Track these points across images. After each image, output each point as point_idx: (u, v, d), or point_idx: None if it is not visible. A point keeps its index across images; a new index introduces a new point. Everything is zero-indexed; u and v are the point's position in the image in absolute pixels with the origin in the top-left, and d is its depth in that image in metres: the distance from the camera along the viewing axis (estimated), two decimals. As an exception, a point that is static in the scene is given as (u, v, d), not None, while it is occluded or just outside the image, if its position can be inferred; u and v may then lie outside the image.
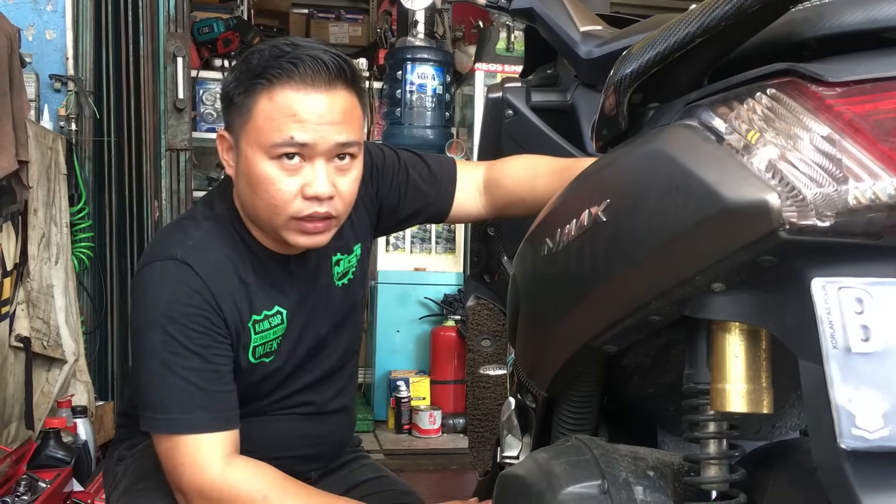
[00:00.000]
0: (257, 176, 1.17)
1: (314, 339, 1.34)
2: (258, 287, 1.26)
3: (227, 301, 1.21)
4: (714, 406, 0.76)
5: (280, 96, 1.15)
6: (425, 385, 4.06)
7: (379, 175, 1.40)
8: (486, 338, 1.77)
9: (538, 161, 1.39)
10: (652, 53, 0.79)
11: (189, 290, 1.18)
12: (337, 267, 1.37)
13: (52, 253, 2.94)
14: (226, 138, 1.23)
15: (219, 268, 1.22)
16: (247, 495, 1.16)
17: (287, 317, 1.28)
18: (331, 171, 1.18)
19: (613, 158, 0.86)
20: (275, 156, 1.16)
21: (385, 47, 4.72)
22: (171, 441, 1.18)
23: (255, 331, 1.25)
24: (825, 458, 0.61)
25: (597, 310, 0.85)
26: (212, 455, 1.17)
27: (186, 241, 1.23)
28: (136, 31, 3.38)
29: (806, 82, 0.68)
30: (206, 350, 1.18)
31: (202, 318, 1.18)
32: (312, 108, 1.15)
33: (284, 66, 1.15)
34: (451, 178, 1.44)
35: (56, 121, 3.25)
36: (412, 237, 4.29)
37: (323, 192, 1.17)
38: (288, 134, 1.14)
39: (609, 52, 1.37)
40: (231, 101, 1.20)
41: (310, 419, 1.37)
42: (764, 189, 0.65)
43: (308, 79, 1.15)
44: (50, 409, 2.82)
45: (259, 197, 1.18)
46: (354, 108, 1.21)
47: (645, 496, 0.78)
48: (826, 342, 0.60)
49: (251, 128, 1.17)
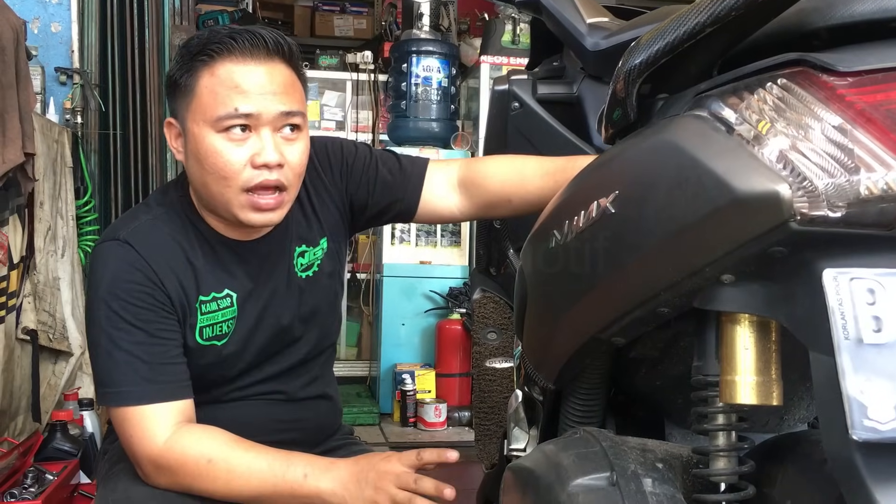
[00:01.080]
0: (205, 150, 1.19)
1: (275, 328, 1.34)
2: (207, 269, 1.28)
3: (170, 279, 1.24)
4: (723, 398, 0.76)
5: (221, 70, 1.18)
6: (430, 378, 4.06)
7: (349, 171, 1.41)
8: (491, 331, 1.76)
9: (525, 161, 1.38)
10: (661, 44, 0.78)
11: (130, 267, 1.22)
12: (301, 258, 1.37)
13: (59, 246, 2.94)
14: (173, 125, 1.26)
15: (162, 247, 1.25)
16: (192, 461, 1.18)
17: (237, 301, 1.30)
18: (278, 140, 1.21)
19: (622, 150, 0.86)
20: (221, 129, 1.18)
21: (390, 40, 4.72)
22: (121, 413, 1.21)
23: (202, 311, 1.27)
24: (836, 449, 0.60)
25: (605, 302, 0.85)
26: (158, 425, 1.19)
27: (133, 223, 1.27)
28: (142, 23, 3.38)
29: (817, 72, 0.68)
30: (149, 325, 1.21)
31: (144, 294, 1.21)
32: (253, 79, 1.18)
33: (224, 41, 1.18)
34: (419, 173, 1.43)
35: (62, 114, 3.25)
36: (418, 230, 4.29)
37: (271, 159, 1.19)
38: (232, 105, 1.17)
39: (616, 44, 1.36)
40: (175, 84, 1.22)
41: (281, 405, 1.38)
42: (774, 179, 0.64)
43: (247, 52, 1.19)
44: (56, 401, 2.83)
45: (208, 171, 1.20)
46: (295, 82, 1.24)
47: (654, 488, 0.78)
48: (838, 333, 0.60)
49: (196, 106, 1.20)
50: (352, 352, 4.84)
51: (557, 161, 1.35)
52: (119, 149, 3.39)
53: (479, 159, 1.47)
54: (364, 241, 4.60)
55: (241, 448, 1.21)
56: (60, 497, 2.35)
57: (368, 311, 4.68)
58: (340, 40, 5.81)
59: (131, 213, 1.33)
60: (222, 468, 1.18)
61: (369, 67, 4.66)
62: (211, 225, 1.29)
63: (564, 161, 1.34)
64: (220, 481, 1.18)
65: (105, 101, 3.36)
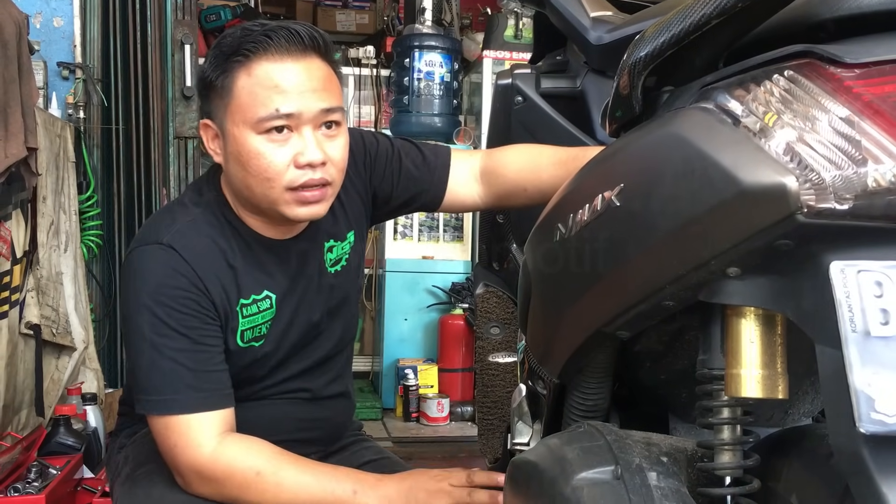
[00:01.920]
0: (248, 153, 1.18)
1: (306, 325, 1.34)
2: (246, 271, 1.26)
3: (213, 283, 1.22)
4: (728, 391, 0.75)
5: (258, 69, 1.16)
6: (433, 373, 4.06)
7: (372, 163, 1.41)
8: (494, 325, 1.76)
9: (540, 150, 1.38)
10: (667, 36, 0.78)
11: (175, 272, 1.20)
12: (330, 253, 1.37)
13: (61, 240, 2.94)
14: (210, 126, 1.24)
15: (205, 251, 1.23)
16: (240, 472, 1.17)
17: (276, 301, 1.29)
18: (319, 137, 1.19)
19: (627, 142, 0.86)
20: (262, 130, 1.17)
21: (392, 35, 4.71)
22: (164, 422, 1.19)
23: (244, 315, 1.26)
24: (843, 442, 0.60)
25: (610, 295, 0.84)
26: (203, 434, 1.18)
27: (173, 225, 1.24)
28: (144, 18, 3.37)
29: (824, 64, 0.67)
30: (194, 332, 1.20)
31: (189, 301, 1.20)
32: (292, 77, 1.17)
33: (259, 40, 1.16)
34: (444, 164, 1.43)
35: (64, 108, 3.25)
36: (420, 225, 4.29)
37: (315, 158, 1.18)
38: (273, 106, 1.15)
39: (619, 38, 1.36)
40: (210, 86, 1.20)
41: (305, 403, 1.38)
42: (781, 172, 0.64)
43: (283, 49, 1.17)
44: (60, 396, 2.84)
45: (251, 174, 1.19)
46: (332, 77, 1.22)
47: (658, 482, 0.78)
48: (845, 326, 0.60)
49: (234, 107, 1.18)
50: (354, 347, 4.83)
51: (570, 150, 1.35)
52: (122, 144, 3.39)
53: (498, 149, 1.47)
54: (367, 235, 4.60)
55: (289, 461, 1.21)
56: (64, 491, 2.35)
57: (371, 306, 4.68)
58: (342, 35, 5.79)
59: (168, 215, 1.29)
60: (271, 481, 1.18)
61: (371, 62, 4.65)
62: (248, 224, 1.28)
63: (577, 150, 1.34)
64: (269, 494, 1.18)
65: (107, 95, 3.36)
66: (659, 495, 0.77)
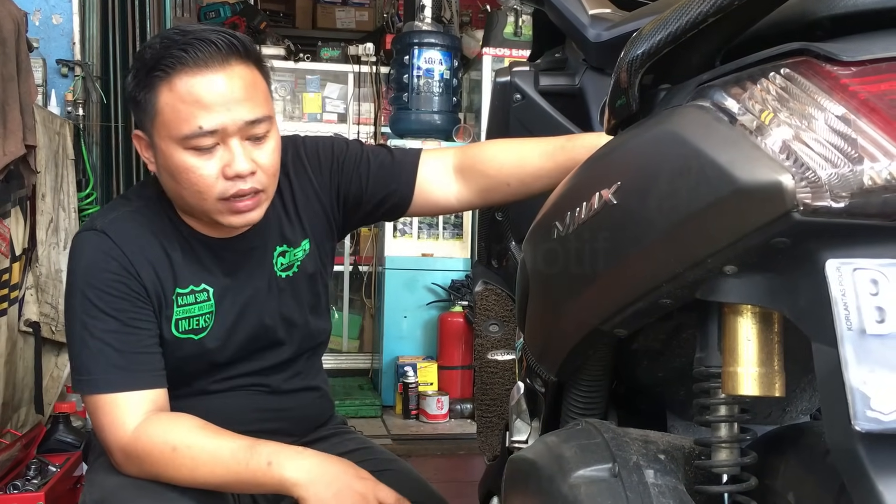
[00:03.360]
0: (176, 167, 1.20)
1: (256, 327, 1.35)
2: (184, 263, 1.29)
3: (146, 269, 1.25)
4: (726, 389, 0.75)
5: (179, 84, 1.16)
6: (433, 370, 4.07)
7: (339, 169, 1.40)
8: (493, 323, 1.76)
9: (522, 143, 1.37)
10: (664, 34, 0.78)
11: (106, 256, 1.23)
12: (281, 258, 1.37)
13: (61, 238, 2.94)
14: (141, 137, 1.26)
15: (138, 238, 1.26)
16: (158, 449, 1.18)
17: (214, 295, 1.31)
18: (247, 146, 1.20)
19: (624, 140, 0.86)
20: (189, 147, 1.18)
21: (392, 32, 4.71)
22: (93, 401, 1.22)
23: (178, 304, 1.28)
24: (839, 440, 0.60)
25: (607, 293, 0.84)
26: (129, 413, 1.20)
27: (111, 214, 1.29)
28: (143, 15, 3.37)
29: (820, 62, 0.67)
30: (123, 314, 1.22)
31: (119, 284, 1.23)
32: (213, 89, 1.17)
33: (176, 55, 1.16)
34: (412, 163, 1.41)
35: (63, 106, 3.25)
36: (419, 223, 4.29)
37: (243, 169, 1.19)
38: (196, 123, 1.16)
39: (618, 36, 1.36)
40: (135, 101, 1.22)
41: (266, 395, 1.39)
42: (777, 170, 0.64)
43: (202, 61, 1.16)
44: (59, 393, 2.84)
45: (182, 186, 1.21)
46: (256, 81, 1.22)
47: (656, 479, 0.78)
48: (841, 324, 0.60)
49: (160, 123, 1.19)
50: (354, 344, 4.84)
51: (556, 140, 1.34)
52: (121, 141, 3.39)
53: (475, 144, 1.46)
54: (366, 233, 4.60)
55: (207, 435, 1.20)
56: (63, 489, 2.36)
57: (370, 303, 4.68)
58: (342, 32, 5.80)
59: (110, 205, 1.35)
60: (186, 455, 1.18)
61: (371, 60, 4.65)
62: (188, 223, 1.30)
63: (563, 140, 1.33)
64: (185, 469, 1.18)
65: (106, 93, 3.36)
66: (656, 493, 0.77)
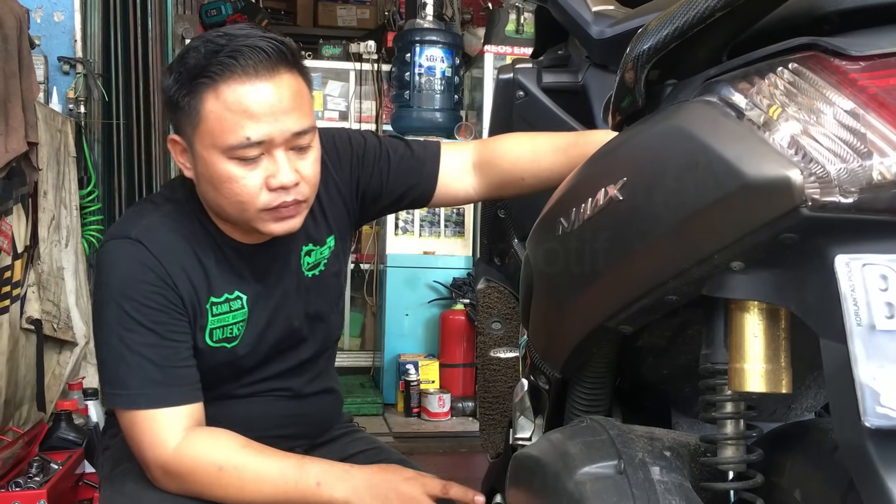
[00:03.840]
0: (219, 176, 1.16)
1: (286, 330, 1.33)
2: (218, 271, 1.26)
3: (182, 279, 1.21)
4: (732, 386, 0.75)
5: (227, 92, 1.12)
6: (434, 368, 4.06)
7: (360, 164, 1.39)
8: (496, 320, 1.76)
9: (536, 138, 1.37)
10: (670, 28, 0.78)
11: (143, 267, 1.19)
12: (308, 257, 1.35)
13: (62, 235, 2.94)
14: (178, 142, 1.22)
15: (174, 247, 1.22)
16: (203, 468, 1.16)
17: (248, 303, 1.28)
18: (291, 157, 1.17)
19: (630, 136, 0.85)
20: (233, 157, 1.15)
21: (393, 30, 4.71)
22: (130, 417, 1.19)
23: (213, 313, 1.25)
24: (848, 437, 0.60)
25: (613, 290, 0.84)
26: (169, 430, 1.17)
27: (142, 220, 1.24)
28: (145, 12, 3.37)
29: (829, 56, 0.67)
30: (161, 327, 1.19)
31: (157, 295, 1.19)
32: (261, 99, 1.13)
33: (224, 61, 1.12)
34: (434, 157, 1.41)
35: (65, 103, 3.25)
36: (421, 220, 4.29)
37: (288, 181, 1.16)
38: (243, 134, 1.13)
39: (621, 32, 1.35)
40: (176, 105, 1.17)
41: (287, 401, 1.37)
42: (785, 165, 0.63)
43: (251, 69, 1.13)
44: (61, 391, 2.84)
45: (224, 196, 1.18)
46: (302, 91, 1.19)
47: (662, 476, 0.78)
48: (850, 320, 0.59)
49: (203, 130, 1.15)
50: (355, 342, 4.84)
51: (568, 136, 1.34)
52: (122, 139, 3.39)
53: (492, 139, 1.45)
54: (368, 231, 4.60)
55: (253, 454, 1.19)
56: (65, 486, 2.35)
57: (372, 301, 4.68)
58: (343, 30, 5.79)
59: (139, 211, 1.29)
60: (233, 475, 1.17)
61: (373, 57, 4.65)
62: (221, 228, 1.27)
63: (575, 136, 1.33)
64: (232, 488, 1.17)
65: (108, 90, 3.35)
66: (662, 490, 0.76)
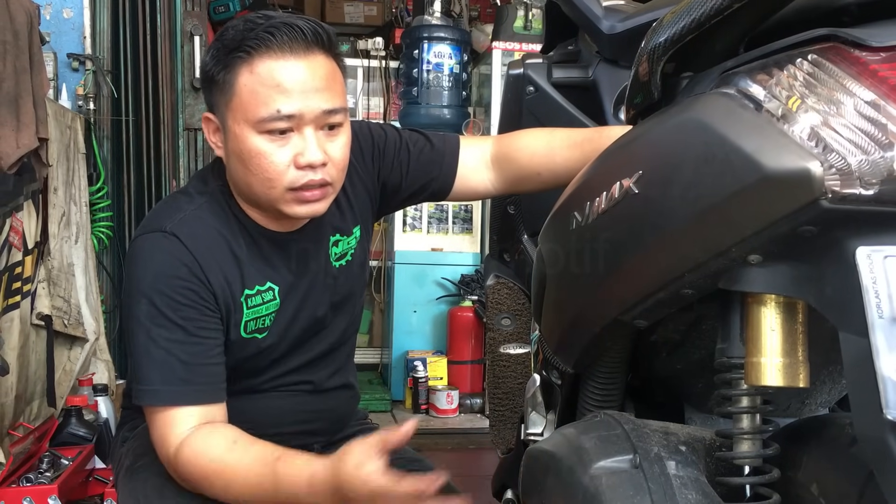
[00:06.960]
0: (248, 151, 1.17)
1: (311, 319, 1.33)
2: (251, 262, 1.25)
3: (216, 274, 1.21)
4: (748, 380, 0.75)
5: (260, 67, 1.14)
6: (442, 365, 4.06)
7: (381, 155, 1.39)
8: (505, 316, 1.76)
9: (553, 134, 1.37)
10: (687, 20, 0.77)
11: (177, 261, 1.18)
12: (335, 248, 1.36)
13: (72, 232, 2.95)
14: (211, 120, 1.23)
15: (208, 241, 1.22)
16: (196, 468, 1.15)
17: (280, 294, 1.28)
18: (321, 137, 1.18)
19: (646, 129, 0.85)
20: (263, 130, 1.15)
21: (401, 26, 4.69)
22: (152, 412, 1.19)
23: (248, 305, 1.25)
24: (869, 430, 0.59)
25: (628, 284, 0.84)
26: (179, 429, 1.17)
27: (177, 214, 1.23)
28: (154, 9, 3.37)
29: (848, 47, 0.66)
30: (190, 323, 1.18)
31: (189, 291, 1.18)
32: (295, 76, 1.15)
33: (261, 36, 1.14)
34: (453, 152, 1.42)
35: (74, 100, 3.26)
36: (429, 217, 4.28)
37: (315, 159, 1.17)
38: (274, 107, 1.14)
39: (632, 27, 1.35)
40: (212, 80, 1.19)
41: (308, 396, 1.37)
42: (805, 157, 0.63)
43: (286, 46, 1.14)
44: (71, 387, 2.85)
45: (252, 172, 1.18)
46: (335, 74, 1.20)
47: (677, 471, 0.77)
48: (872, 312, 0.59)
49: (236, 104, 1.16)
50: (363, 339, 4.84)
51: (584, 131, 1.34)
52: (131, 135, 3.39)
53: (510, 134, 1.45)
54: (376, 228, 4.60)
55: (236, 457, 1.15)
56: (75, 482, 2.37)
57: (380, 298, 4.68)
58: (351, 27, 5.78)
59: (172, 204, 1.28)
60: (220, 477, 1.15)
61: (380, 54, 4.64)
62: (252, 217, 1.27)
63: (591, 131, 1.33)
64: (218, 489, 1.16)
65: (117, 87, 3.35)
66: (678, 484, 0.76)
